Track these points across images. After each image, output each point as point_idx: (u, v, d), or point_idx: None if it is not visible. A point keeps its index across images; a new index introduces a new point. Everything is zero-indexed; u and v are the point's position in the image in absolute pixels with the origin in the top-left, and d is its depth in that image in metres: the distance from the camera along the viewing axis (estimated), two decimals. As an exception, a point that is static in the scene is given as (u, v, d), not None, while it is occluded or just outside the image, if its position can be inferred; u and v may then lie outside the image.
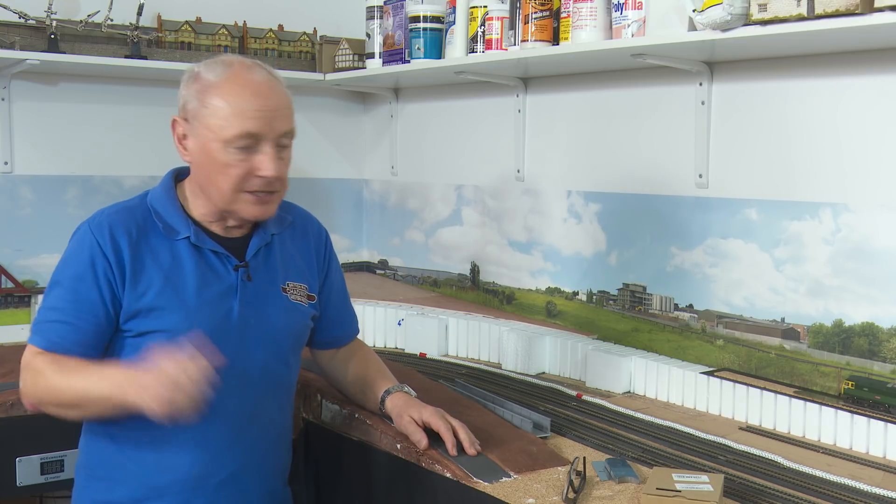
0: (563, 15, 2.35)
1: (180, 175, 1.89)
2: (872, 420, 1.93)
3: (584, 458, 1.77)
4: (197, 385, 1.56)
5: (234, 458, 1.82)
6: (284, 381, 1.93)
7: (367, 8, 3.03)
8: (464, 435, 1.86)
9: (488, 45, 2.58)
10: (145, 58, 2.95)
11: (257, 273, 1.87)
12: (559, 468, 1.80)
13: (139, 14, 2.96)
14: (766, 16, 1.84)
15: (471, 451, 1.84)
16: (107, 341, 1.78)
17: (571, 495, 1.64)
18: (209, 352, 1.61)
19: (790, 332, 2.19)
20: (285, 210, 1.95)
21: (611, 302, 2.62)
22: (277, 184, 1.79)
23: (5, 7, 2.79)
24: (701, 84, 2.34)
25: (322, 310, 2.02)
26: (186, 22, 3.12)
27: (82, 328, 1.74)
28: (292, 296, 1.92)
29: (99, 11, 2.92)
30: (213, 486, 1.81)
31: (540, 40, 2.43)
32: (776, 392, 2.10)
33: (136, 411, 1.60)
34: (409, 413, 1.92)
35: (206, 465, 1.80)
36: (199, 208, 1.84)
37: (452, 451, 1.83)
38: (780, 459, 1.87)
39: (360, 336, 2.18)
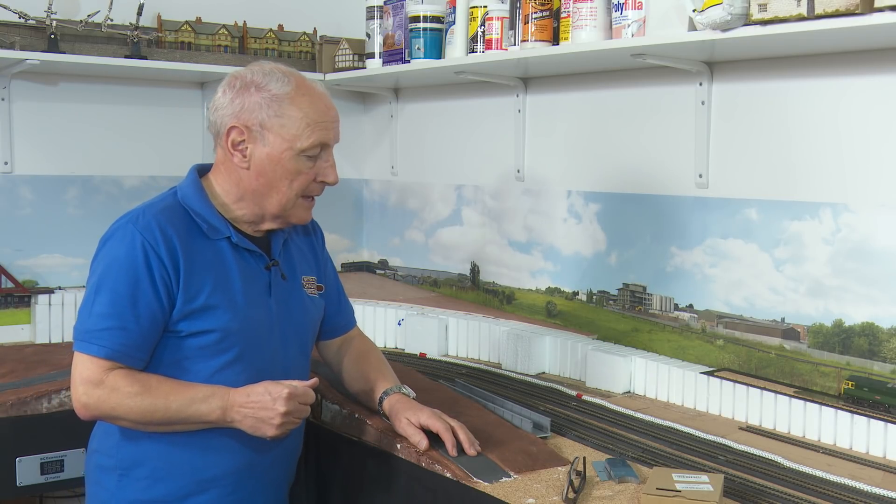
0: (563, 15, 2.35)
1: (200, 172, 1.91)
2: (872, 420, 1.93)
3: (584, 458, 1.77)
4: (305, 412, 1.81)
5: (272, 448, 1.87)
6: (304, 370, 1.99)
7: (367, 8, 3.03)
8: (463, 435, 1.86)
9: (488, 45, 2.58)
10: (145, 58, 2.96)
11: (283, 270, 1.93)
12: (559, 468, 1.80)
13: (139, 14, 2.97)
14: (766, 16, 1.84)
15: (470, 451, 1.84)
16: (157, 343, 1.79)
17: (571, 495, 1.64)
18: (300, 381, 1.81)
19: (790, 332, 2.19)
20: None
21: (611, 302, 2.62)
22: None
23: (5, 7, 2.79)
24: (701, 84, 2.34)
25: (326, 300, 2.07)
26: (186, 22, 3.12)
27: (142, 334, 1.74)
28: (308, 290, 1.98)
29: (99, 11, 2.92)
30: (255, 476, 1.87)
31: (540, 40, 2.43)
32: (776, 392, 2.10)
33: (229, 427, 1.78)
34: (406, 416, 1.92)
35: (249, 456, 1.84)
36: (233, 209, 1.86)
37: (452, 451, 1.83)
38: (780, 459, 1.87)
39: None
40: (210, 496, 1.83)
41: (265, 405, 1.74)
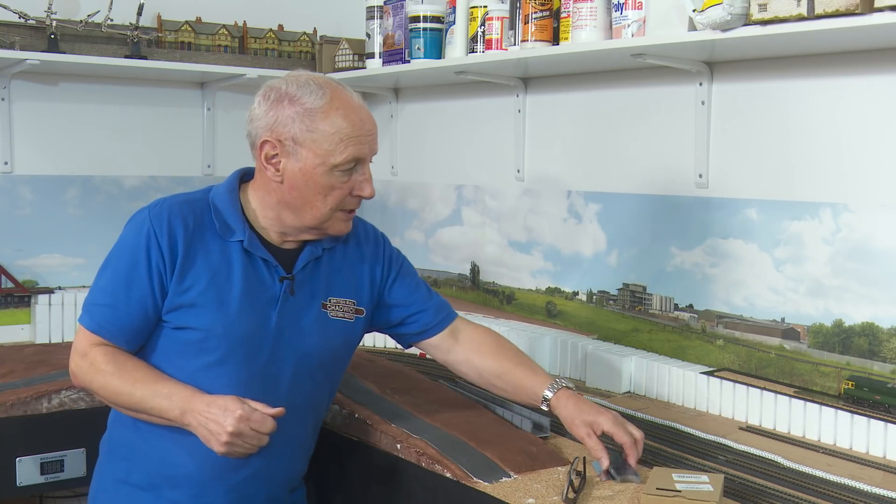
0: (563, 15, 2.35)
1: (245, 176, 1.89)
2: (872, 420, 1.93)
3: (584, 458, 1.77)
4: (257, 440, 1.72)
5: (247, 465, 1.82)
6: (310, 396, 1.91)
7: (367, 8, 3.02)
8: (641, 447, 1.77)
9: (488, 45, 2.58)
10: (145, 58, 2.96)
11: (301, 287, 1.86)
12: (559, 468, 1.80)
13: (139, 14, 2.97)
14: (766, 16, 1.84)
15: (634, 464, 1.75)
16: (150, 332, 1.80)
17: (571, 495, 1.64)
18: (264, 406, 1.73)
19: (790, 332, 2.19)
20: None
21: (611, 302, 2.62)
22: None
23: (5, 7, 2.79)
24: (701, 84, 2.34)
25: (401, 307, 2.00)
26: (186, 22, 3.13)
27: (130, 316, 1.77)
28: (333, 312, 1.90)
29: (99, 11, 2.92)
30: (223, 488, 1.83)
31: (540, 40, 2.43)
32: (776, 392, 2.10)
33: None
34: (583, 419, 1.79)
35: (219, 467, 1.80)
36: (262, 217, 1.84)
37: (634, 463, 1.74)
38: (780, 459, 1.87)
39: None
40: (177, 494, 1.82)
41: (216, 419, 1.70)
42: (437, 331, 2.02)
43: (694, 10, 2.00)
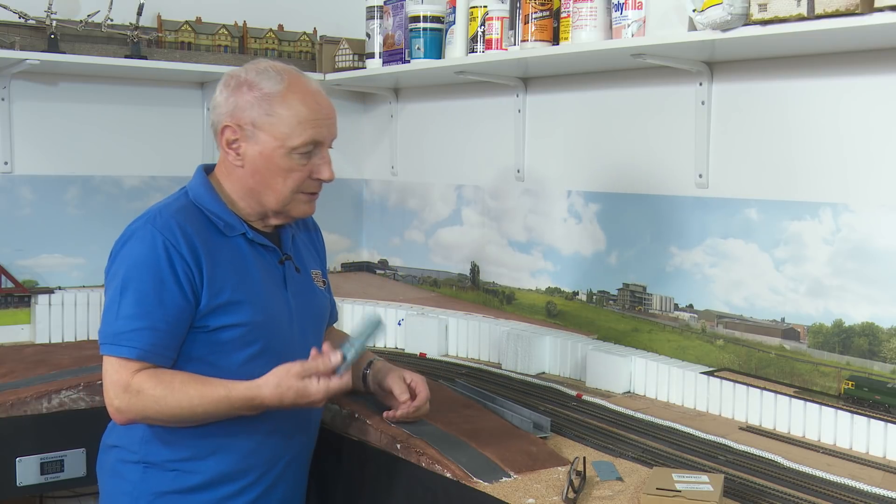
0: (563, 15, 2.35)
1: (206, 171, 1.94)
2: (872, 420, 1.93)
3: (584, 458, 1.77)
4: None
5: (297, 440, 1.93)
6: None
7: (367, 8, 3.03)
8: (419, 404, 1.99)
9: (488, 45, 2.58)
10: (145, 58, 2.96)
11: (296, 264, 1.96)
12: (559, 468, 1.80)
13: (139, 14, 2.97)
14: (766, 16, 1.84)
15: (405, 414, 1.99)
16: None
17: (571, 495, 1.64)
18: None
19: (790, 332, 2.19)
20: None
21: (611, 302, 2.62)
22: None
23: (5, 7, 2.79)
24: (701, 84, 2.34)
25: None
26: (186, 22, 3.13)
27: (171, 332, 1.76)
28: (317, 281, 2.03)
29: (99, 11, 2.92)
30: (280, 468, 1.91)
31: (540, 40, 2.43)
32: (776, 392, 2.10)
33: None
34: (398, 373, 2.02)
35: (275, 448, 1.88)
36: (242, 207, 1.89)
37: (400, 415, 1.98)
38: (780, 459, 1.87)
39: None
40: (235, 487, 1.86)
41: (304, 401, 1.77)
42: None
43: (694, 10, 2.00)
